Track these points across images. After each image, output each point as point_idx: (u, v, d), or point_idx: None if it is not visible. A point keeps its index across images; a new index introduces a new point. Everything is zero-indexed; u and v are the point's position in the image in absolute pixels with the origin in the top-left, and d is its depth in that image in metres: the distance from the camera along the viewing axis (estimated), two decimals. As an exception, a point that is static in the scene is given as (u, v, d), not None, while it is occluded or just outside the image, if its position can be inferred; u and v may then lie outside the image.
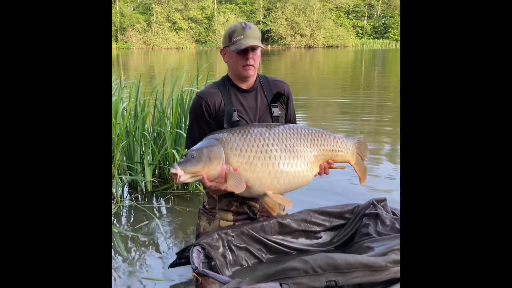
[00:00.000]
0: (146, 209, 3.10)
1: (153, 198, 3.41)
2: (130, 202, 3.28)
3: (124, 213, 3.15)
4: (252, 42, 1.92)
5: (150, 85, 4.09)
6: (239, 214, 2.11)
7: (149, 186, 3.48)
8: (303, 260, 1.52)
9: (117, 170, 3.34)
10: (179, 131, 3.43)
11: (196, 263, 1.69)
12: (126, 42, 44.36)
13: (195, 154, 1.79)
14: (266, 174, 1.85)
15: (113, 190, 3.24)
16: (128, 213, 3.15)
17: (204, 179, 1.80)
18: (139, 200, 3.35)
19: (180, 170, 1.76)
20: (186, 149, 1.98)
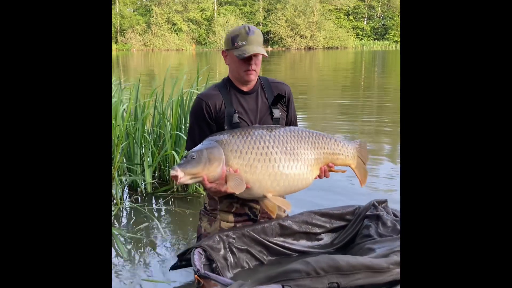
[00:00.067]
0: (146, 211, 3.09)
1: (153, 200, 3.40)
2: (130, 204, 3.27)
3: (124, 215, 3.14)
4: (256, 50, 1.92)
5: (150, 87, 4.08)
6: (240, 216, 2.11)
7: (149, 188, 3.47)
8: (305, 262, 1.52)
9: (117, 172, 3.33)
10: (179, 134, 3.42)
11: (198, 265, 1.69)
12: (126, 44, 44.41)
13: (195, 156, 1.79)
14: (266, 176, 1.85)
15: (113, 192, 3.23)
16: (128, 215, 3.14)
17: (205, 181, 1.80)
18: (139, 202, 3.34)
19: (180, 172, 1.76)
20: (187, 151, 1.99)
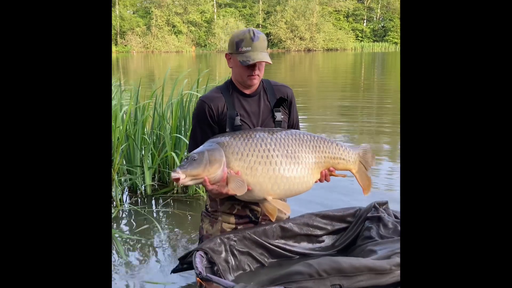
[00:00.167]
0: (146, 213, 3.08)
1: (153, 202, 3.39)
2: (130, 206, 3.26)
3: (124, 217, 3.13)
4: (260, 58, 1.91)
5: (150, 89, 4.08)
6: (241, 218, 2.11)
7: (149, 190, 3.46)
8: (308, 264, 1.52)
9: (117, 174, 3.32)
10: (179, 136, 3.41)
11: (200, 268, 1.68)
12: (126, 46, 44.40)
13: (196, 157, 1.80)
14: (267, 179, 1.85)
15: (113, 194, 3.22)
16: (128, 217, 3.13)
17: (206, 182, 1.80)
18: (139, 204, 3.33)
19: (181, 173, 1.76)
20: (189, 152, 1.99)
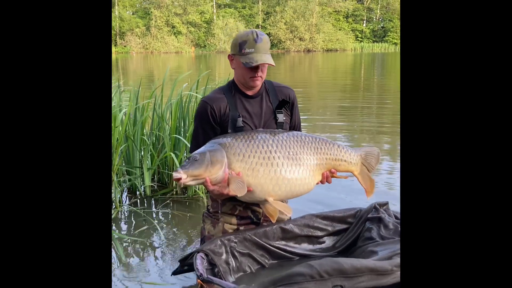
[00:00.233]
0: (145, 214, 3.07)
1: (152, 203, 3.38)
2: (129, 207, 3.25)
3: (123, 218, 3.12)
4: (263, 60, 1.91)
5: (149, 89, 4.07)
6: (243, 219, 2.11)
7: (148, 191, 3.45)
8: (309, 265, 1.52)
9: (116, 175, 3.31)
10: (178, 137, 3.40)
11: (201, 270, 1.68)
12: (125, 47, 44.36)
13: (198, 158, 1.81)
14: (268, 180, 1.86)
15: (112, 195, 3.20)
16: (127, 218, 3.12)
17: (207, 183, 1.81)
18: (138, 205, 3.32)
19: (183, 173, 1.77)
20: (191, 153, 2.00)
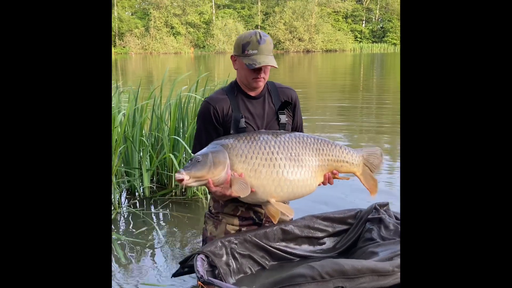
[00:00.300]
0: (145, 215, 3.06)
1: (151, 204, 3.36)
2: (128, 209, 3.24)
3: (122, 220, 3.11)
4: (266, 61, 1.92)
5: (148, 90, 4.06)
6: (245, 219, 2.11)
7: (147, 192, 3.44)
8: (310, 267, 1.52)
9: (115, 176, 3.30)
10: (177, 138, 3.38)
11: (201, 272, 1.68)
12: (125, 47, 44.33)
13: (200, 159, 1.81)
14: (270, 182, 1.86)
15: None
16: (126, 219, 3.10)
17: (210, 184, 1.82)
18: (137, 206, 3.31)
19: (186, 175, 1.78)
20: (193, 154, 2.01)
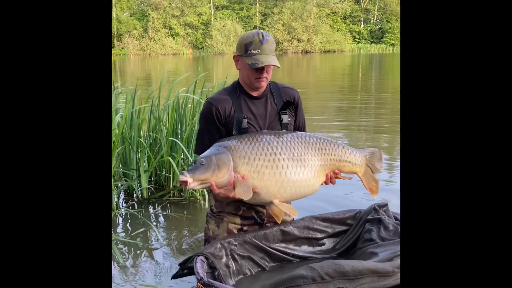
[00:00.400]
0: (143, 217, 3.05)
1: (149, 205, 3.35)
2: (126, 210, 3.22)
3: (121, 221, 3.10)
4: (269, 61, 1.92)
5: (147, 91, 4.05)
6: (247, 219, 2.12)
7: (145, 193, 3.43)
8: (311, 268, 1.52)
9: (113, 177, 3.28)
10: (175, 140, 3.37)
11: (201, 273, 1.67)
12: (123, 49, 44.30)
13: (204, 162, 1.81)
14: (273, 183, 1.87)
15: (109, 197, 3.18)
16: (124, 221, 3.09)
17: (213, 186, 1.82)
18: (135, 207, 3.29)
19: (190, 178, 1.78)
20: (196, 154, 2.02)
